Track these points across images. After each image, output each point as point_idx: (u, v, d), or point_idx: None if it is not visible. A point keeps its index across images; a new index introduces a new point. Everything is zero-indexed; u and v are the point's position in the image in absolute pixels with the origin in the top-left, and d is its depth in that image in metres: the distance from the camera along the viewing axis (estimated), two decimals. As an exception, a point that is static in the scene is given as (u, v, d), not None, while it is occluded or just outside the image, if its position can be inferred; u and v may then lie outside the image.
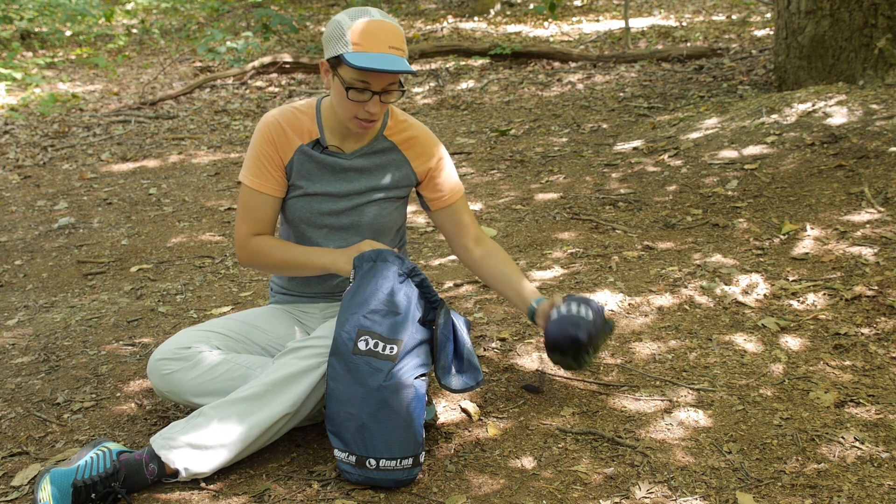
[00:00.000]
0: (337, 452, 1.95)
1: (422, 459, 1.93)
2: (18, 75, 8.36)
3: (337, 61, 2.01)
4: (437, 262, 3.53)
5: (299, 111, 2.20)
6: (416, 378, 1.94)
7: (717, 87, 6.32)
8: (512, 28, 10.24)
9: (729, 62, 7.16)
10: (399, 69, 1.94)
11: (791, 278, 2.93)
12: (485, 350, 2.60)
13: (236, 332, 2.26)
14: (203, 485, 1.96)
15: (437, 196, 2.29)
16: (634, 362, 2.45)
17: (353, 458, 1.92)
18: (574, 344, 2.12)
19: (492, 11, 11.51)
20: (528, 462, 2.00)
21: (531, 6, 11.54)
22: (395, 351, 1.93)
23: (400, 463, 1.90)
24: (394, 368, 1.91)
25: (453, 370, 2.05)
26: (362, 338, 1.93)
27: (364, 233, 2.25)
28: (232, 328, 2.26)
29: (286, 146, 2.17)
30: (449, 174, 2.29)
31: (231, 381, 2.10)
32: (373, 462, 1.90)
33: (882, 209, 3.36)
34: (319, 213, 2.22)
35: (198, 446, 1.95)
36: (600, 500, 1.83)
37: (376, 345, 1.93)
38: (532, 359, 2.52)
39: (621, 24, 9.59)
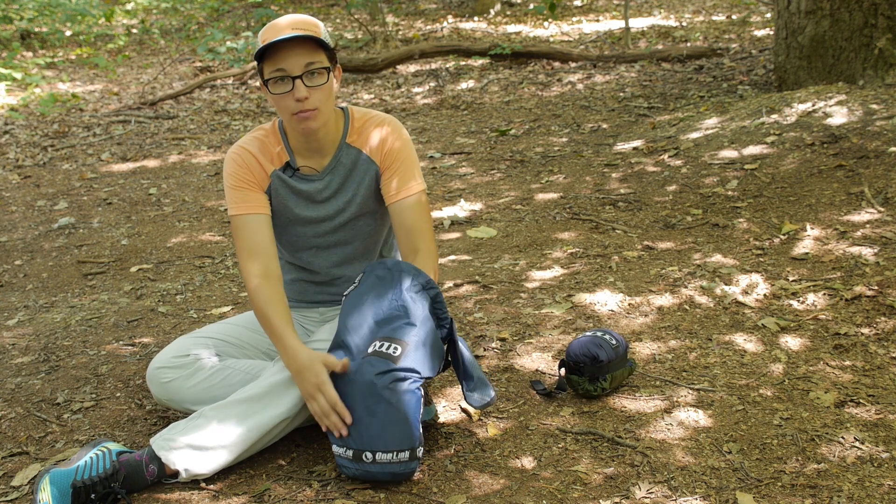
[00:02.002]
0: (335, 447, 1.95)
1: (419, 454, 1.93)
2: (18, 75, 8.36)
3: (260, 68, 2.01)
4: (437, 262, 3.53)
5: (264, 136, 2.16)
6: (414, 380, 1.94)
7: (717, 87, 6.32)
8: (512, 28, 10.24)
9: (729, 62, 7.16)
10: (292, 35, 1.93)
11: (791, 278, 2.93)
12: (485, 350, 2.60)
13: (235, 337, 2.25)
14: (203, 485, 1.96)
15: (387, 188, 2.15)
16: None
17: (350, 452, 1.92)
18: (593, 361, 2.21)
19: (492, 11, 11.51)
20: (528, 462, 2.00)
21: (531, 6, 11.54)
22: (398, 351, 1.93)
23: (396, 456, 1.90)
24: (394, 368, 1.92)
25: (465, 387, 2.06)
26: (373, 343, 1.95)
27: (354, 245, 2.24)
28: (231, 333, 2.26)
29: (261, 173, 2.14)
30: (401, 173, 2.14)
31: (230, 387, 2.10)
32: (369, 455, 1.90)
33: (882, 209, 3.36)
34: (305, 237, 2.22)
35: (198, 447, 1.94)
36: (600, 500, 1.83)
37: (382, 345, 1.94)
38: (532, 359, 2.52)
39: (621, 24, 9.59)
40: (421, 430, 1.94)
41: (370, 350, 1.94)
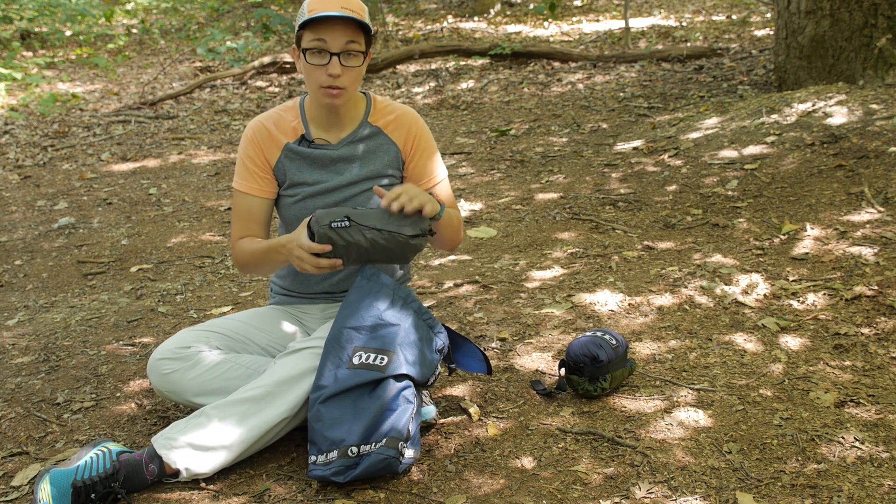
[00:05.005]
0: (319, 458, 1.92)
1: (406, 453, 1.90)
2: (18, 75, 8.36)
3: (299, 35, 2.07)
4: (436, 262, 3.53)
5: (283, 111, 2.25)
6: (403, 387, 1.95)
7: (717, 87, 6.32)
8: (512, 28, 10.24)
9: (729, 62, 7.16)
10: (345, 15, 1.99)
11: (791, 278, 2.93)
12: (485, 350, 2.59)
13: (236, 332, 2.26)
14: (203, 485, 1.96)
15: (413, 175, 2.28)
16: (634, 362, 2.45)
17: (334, 453, 1.90)
18: (593, 361, 2.21)
19: (492, 11, 11.50)
20: (528, 462, 2.00)
21: (531, 6, 11.54)
22: (385, 361, 1.95)
23: (382, 449, 1.88)
24: (382, 380, 1.93)
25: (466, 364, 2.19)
26: (357, 353, 1.97)
27: None
28: (232, 328, 2.26)
29: (272, 146, 2.21)
30: (429, 157, 2.29)
31: (231, 380, 2.10)
32: (354, 450, 1.88)
33: (882, 209, 3.36)
34: (315, 209, 2.21)
35: (199, 447, 1.95)
36: (600, 500, 1.83)
37: (369, 357, 1.96)
38: (532, 359, 2.52)
39: (621, 24, 9.59)
40: (411, 430, 1.93)
41: (356, 361, 1.95)
